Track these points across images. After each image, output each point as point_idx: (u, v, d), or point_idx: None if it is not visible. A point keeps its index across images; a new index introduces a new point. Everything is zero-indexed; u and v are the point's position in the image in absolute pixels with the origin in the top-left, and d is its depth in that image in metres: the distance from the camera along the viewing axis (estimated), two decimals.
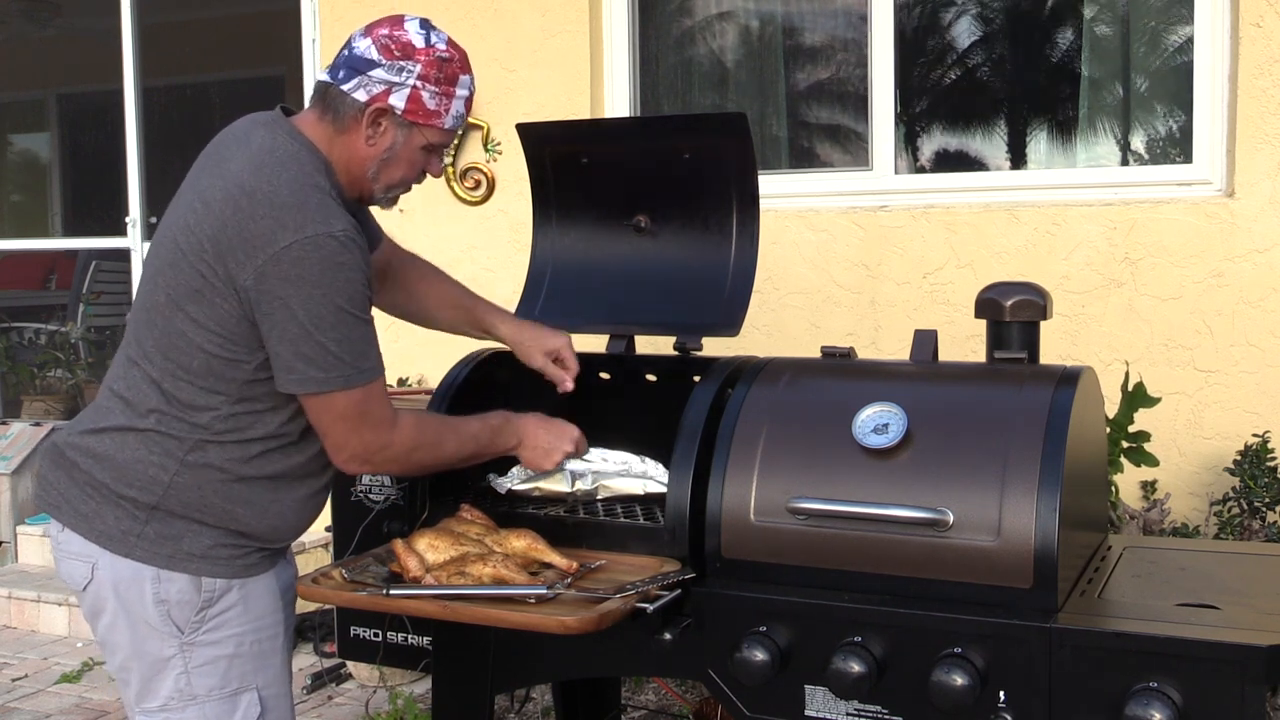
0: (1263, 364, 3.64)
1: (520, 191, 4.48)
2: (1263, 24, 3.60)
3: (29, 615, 5.14)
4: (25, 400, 6.62)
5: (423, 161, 2.15)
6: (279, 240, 1.91)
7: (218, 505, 2.05)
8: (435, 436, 2.15)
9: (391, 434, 2.06)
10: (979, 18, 4.34)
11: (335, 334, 1.95)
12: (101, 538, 2.04)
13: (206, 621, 2.05)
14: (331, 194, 2.01)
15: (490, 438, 2.25)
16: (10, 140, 7.61)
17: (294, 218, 1.93)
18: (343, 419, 2.01)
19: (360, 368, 1.99)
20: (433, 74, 2.05)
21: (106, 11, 5.85)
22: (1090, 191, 3.91)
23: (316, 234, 1.92)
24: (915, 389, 2.10)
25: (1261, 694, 1.72)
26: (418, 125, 2.07)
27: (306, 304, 1.92)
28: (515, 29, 4.58)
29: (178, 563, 2.03)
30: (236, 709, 2.09)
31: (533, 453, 2.32)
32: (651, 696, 3.95)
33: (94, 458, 2.05)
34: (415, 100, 2.05)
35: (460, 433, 2.20)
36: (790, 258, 4.17)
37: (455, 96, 2.09)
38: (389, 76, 2.03)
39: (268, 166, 1.98)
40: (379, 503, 2.53)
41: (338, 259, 1.93)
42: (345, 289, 1.95)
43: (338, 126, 2.07)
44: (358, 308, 1.98)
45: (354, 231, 1.98)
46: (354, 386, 1.99)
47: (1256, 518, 3.42)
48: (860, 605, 1.94)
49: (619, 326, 2.60)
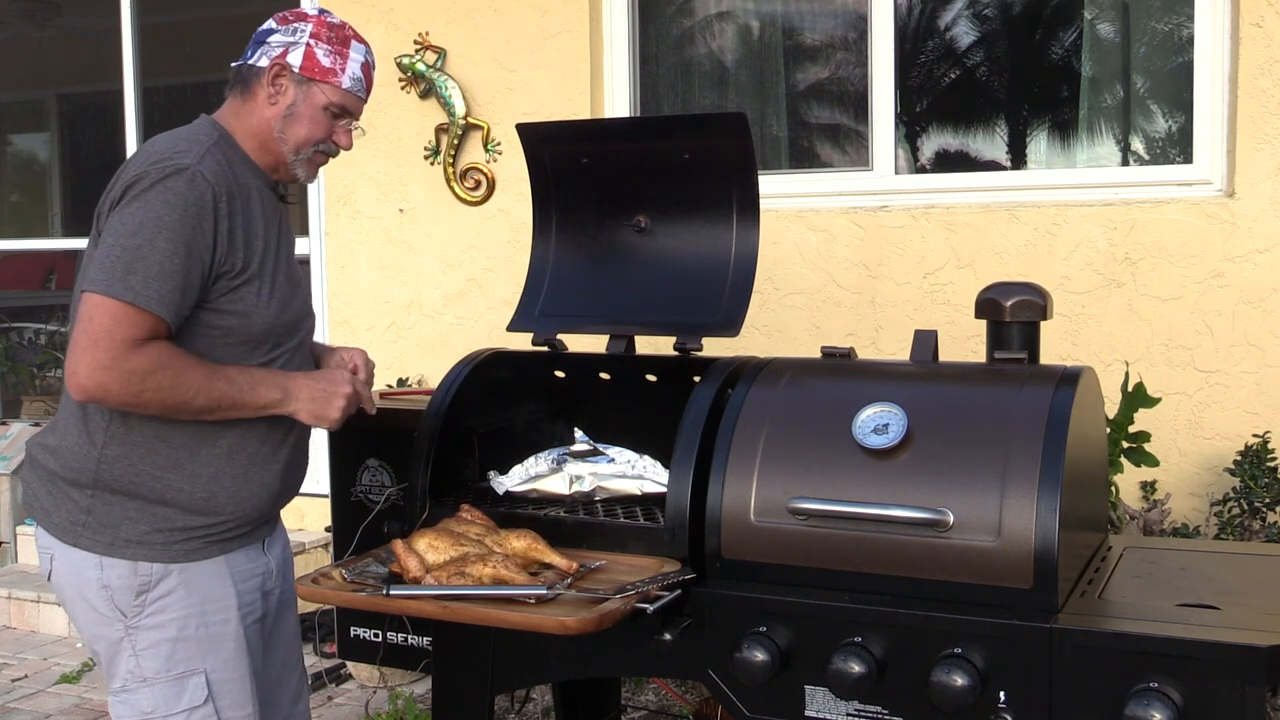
0: (1263, 364, 3.64)
1: (520, 191, 4.48)
2: (1263, 24, 3.60)
3: (29, 615, 5.15)
4: (25, 400, 6.62)
5: (327, 125, 2.23)
6: (133, 173, 2.06)
7: (149, 474, 2.11)
8: (181, 363, 2.04)
9: (130, 352, 1.98)
10: (979, 18, 4.34)
11: (131, 242, 1.99)
12: (56, 529, 2.16)
13: (148, 605, 2.13)
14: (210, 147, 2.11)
15: (249, 384, 2.12)
16: (10, 140, 7.61)
17: (155, 155, 2.07)
18: (89, 319, 1.98)
19: (129, 284, 1.98)
20: (324, 33, 2.20)
21: (106, 11, 5.85)
22: (1090, 191, 3.91)
23: (170, 164, 2.04)
24: (915, 389, 2.10)
25: (1261, 694, 1.72)
26: (315, 81, 2.19)
27: (126, 218, 2.01)
28: (515, 29, 4.58)
29: (117, 549, 2.12)
30: (184, 691, 2.15)
31: (309, 404, 2.18)
32: (651, 696, 3.95)
33: (48, 450, 2.19)
34: (310, 57, 2.18)
35: (214, 370, 2.09)
36: (790, 258, 4.17)
37: (350, 58, 2.21)
38: (285, 38, 2.19)
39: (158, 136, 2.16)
40: (379, 503, 2.53)
41: (173, 185, 2.02)
42: (162, 209, 2.01)
43: (244, 97, 2.22)
44: (167, 229, 2.00)
45: (209, 172, 2.06)
46: (113, 296, 1.97)
47: (1256, 518, 3.42)
48: (860, 605, 1.94)
49: (619, 326, 2.60)
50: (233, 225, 2.10)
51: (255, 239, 2.15)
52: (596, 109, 4.53)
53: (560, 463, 2.46)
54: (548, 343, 2.64)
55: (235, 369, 2.13)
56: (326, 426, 2.23)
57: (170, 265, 2.00)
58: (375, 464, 2.54)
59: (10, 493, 5.58)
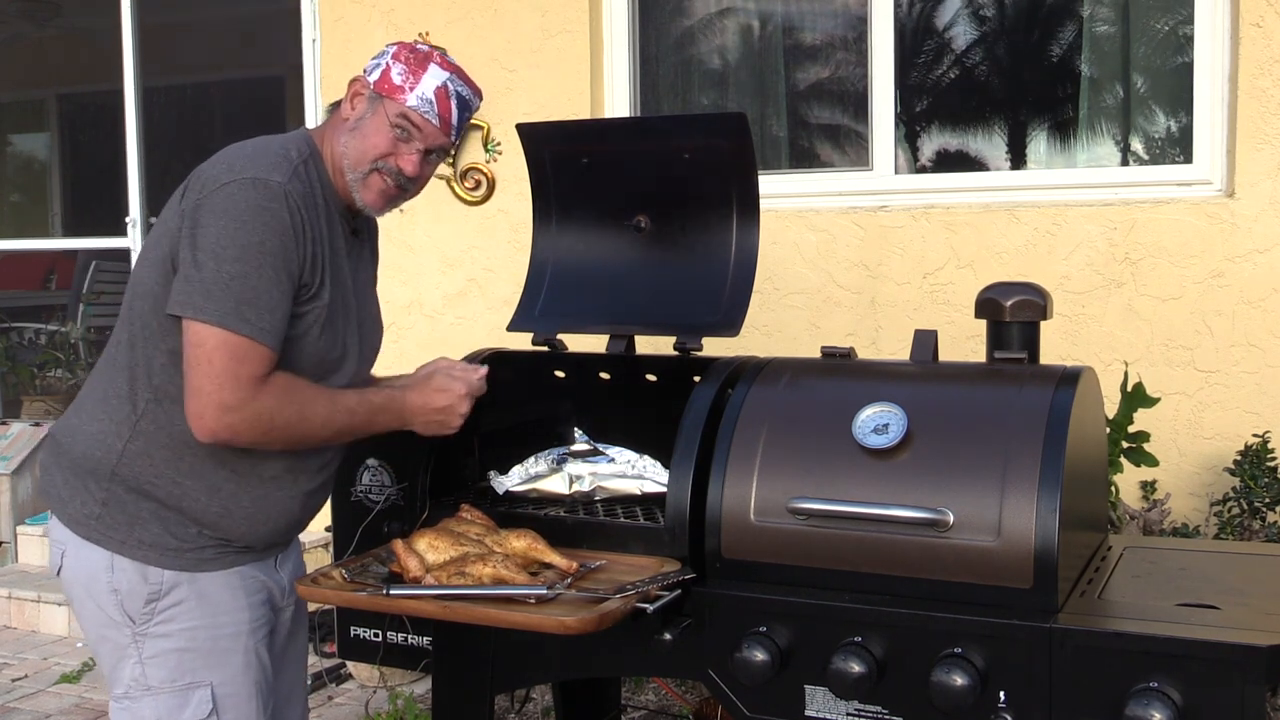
0: (1263, 364, 3.64)
1: (520, 191, 4.48)
2: (1263, 24, 3.60)
3: (29, 615, 5.14)
4: (25, 400, 6.62)
5: (390, 141, 2.13)
6: (220, 179, 2.01)
7: (168, 477, 2.08)
8: (303, 396, 2.04)
9: (256, 391, 1.97)
10: (978, 17, 4.34)
11: (233, 269, 1.96)
12: (70, 521, 2.13)
13: (158, 614, 2.10)
14: (298, 165, 2.08)
15: (368, 415, 2.14)
16: (10, 140, 7.61)
17: (241, 163, 2.02)
18: (208, 361, 1.94)
19: (244, 316, 1.95)
20: (404, 54, 2.17)
21: (106, 11, 5.85)
22: (1090, 191, 3.91)
23: (255, 177, 2.00)
24: (915, 389, 2.10)
25: (1261, 694, 1.72)
26: (383, 97, 2.15)
27: (219, 234, 1.97)
28: (515, 29, 4.58)
29: (129, 549, 2.09)
30: (188, 704, 2.12)
31: (426, 426, 2.21)
32: (651, 696, 3.95)
33: (71, 435, 2.16)
34: (385, 74, 2.15)
35: (335, 401, 2.09)
36: (790, 258, 4.17)
37: (423, 78, 2.14)
38: (375, 60, 2.18)
39: (250, 141, 2.12)
40: (379, 503, 2.53)
41: (264, 203, 1.98)
42: (260, 232, 1.97)
43: (331, 115, 2.22)
44: (267, 257, 1.97)
45: (296, 192, 2.03)
46: (230, 329, 1.94)
47: (1256, 518, 3.42)
48: (860, 605, 1.94)
49: (619, 326, 2.60)
50: (314, 251, 2.06)
51: (320, 266, 2.09)
52: (596, 109, 4.53)
53: (560, 463, 2.46)
54: (548, 343, 2.64)
55: (352, 396, 2.13)
56: (449, 433, 2.24)
57: (276, 295, 1.98)
58: (375, 464, 2.53)
59: (10, 492, 5.58)
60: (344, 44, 4.93)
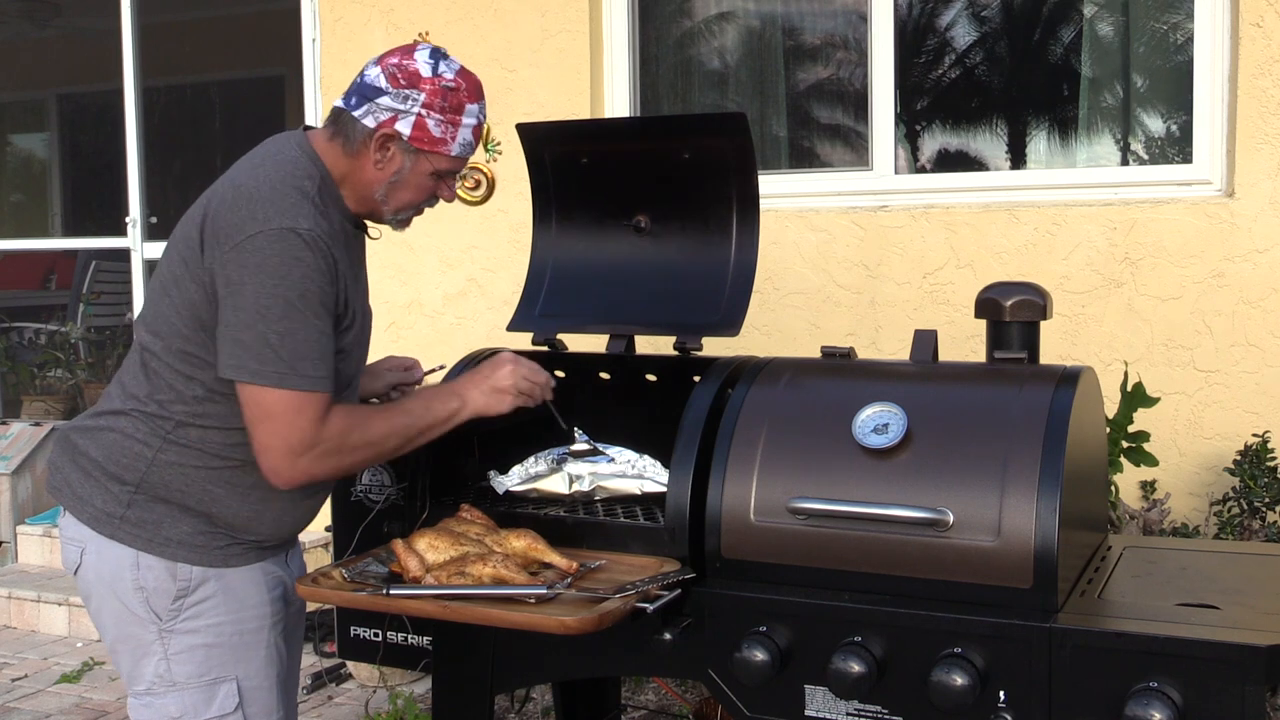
0: (1263, 364, 3.64)
1: (520, 191, 4.48)
2: (1263, 24, 3.60)
3: (29, 615, 5.15)
4: (25, 400, 6.62)
5: (432, 187, 2.18)
6: (247, 229, 1.98)
7: (199, 484, 2.09)
8: (359, 417, 2.08)
9: (319, 430, 2.00)
10: (979, 17, 4.34)
11: (280, 326, 1.96)
12: (91, 519, 2.12)
13: (184, 610, 2.11)
14: (315, 198, 2.05)
15: (423, 408, 2.17)
16: (10, 140, 7.61)
17: (264, 210, 1.99)
18: (270, 418, 1.98)
19: (299, 370, 1.97)
20: (437, 102, 2.09)
21: (106, 11, 5.85)
22: (1090, 191, 3.91)
23: (281, 227, 1.98)
24: (915, 389, 2.10)
25: (1261, 694, 1.72)
26: (424, 152, 2.12)
27: (258, 292, 1.96)
28: (515, 29, 4.58)
29: (156, 546, 2.09)
30: (214, 698, 2.13)
31: (482, 399, 2.22)
32: (651, 696, 3.95)
33: (91, 438, 2.14)
34: (421, 127, 2.09)
35: (387, 411, 2.15)
36: (790, 258, 4.17)
37: (462, 125, 2.12)
38: (395, 104, 2.09)
39: (262, 167, 2.07)
40: (379, 503, 2.52)
41: (297, 254, 1.97)
42: (299, 284, 1.97)
43: (348, 149, 2.13)
44: (309, 306, 1.98)
45: (323, 234, 2.01)
46: (288, 388, 1.97)
47: (1256, 518, 3.42)
48: (860, 605, 1.94)
49: (619, 326, 2.60)
50: (345, 285, 2.08)
51: (349, 297, 2.11)
52: (596, 109, 4.53)
53: (560, 462, 2.46)
54: (548, 342, 2.64)
55: (406, 400, 2.19)
56: (506, 408, 2.24)
57: (324, 341, 2.01)
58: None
59: (10, 493, 5.58)
60: (344, 44, 4.93)
